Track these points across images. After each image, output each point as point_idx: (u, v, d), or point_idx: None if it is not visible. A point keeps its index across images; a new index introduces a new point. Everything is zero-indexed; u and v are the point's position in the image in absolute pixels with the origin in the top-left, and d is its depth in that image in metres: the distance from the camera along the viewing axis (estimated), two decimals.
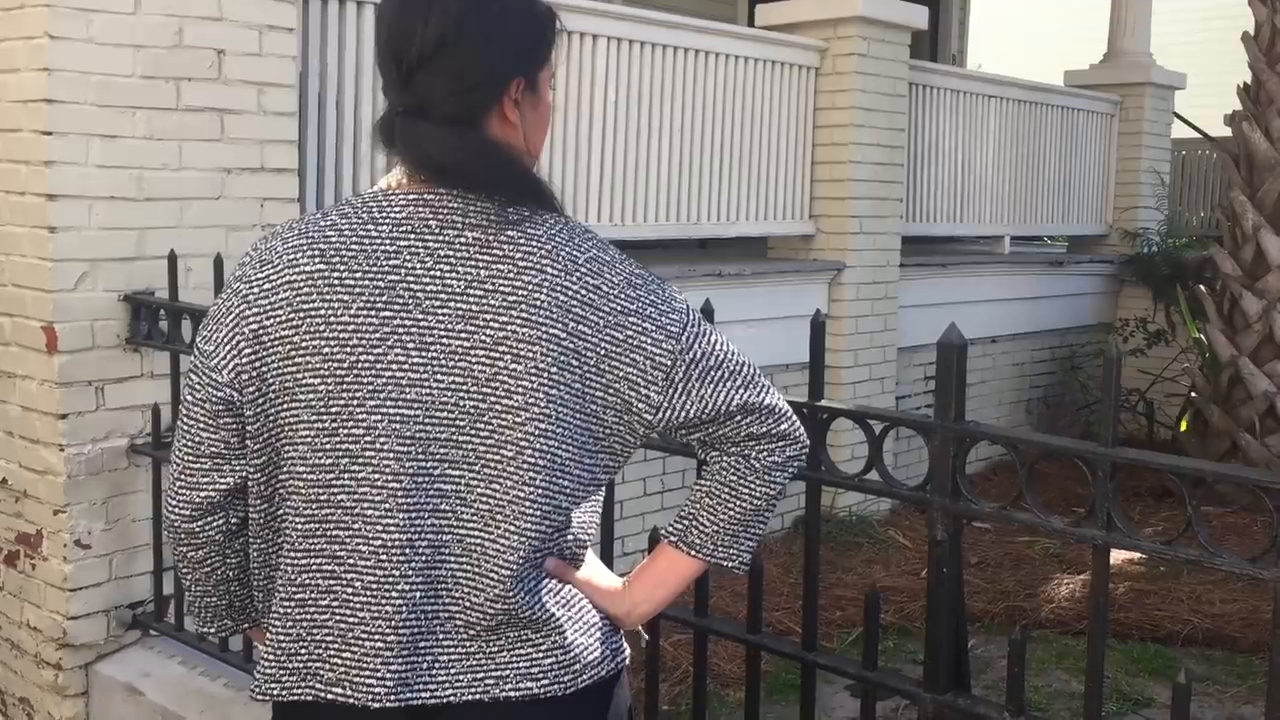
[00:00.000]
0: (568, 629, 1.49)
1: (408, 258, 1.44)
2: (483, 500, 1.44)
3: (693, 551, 1.56)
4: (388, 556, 1.44)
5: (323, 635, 1.48)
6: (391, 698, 1.45)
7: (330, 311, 1.45)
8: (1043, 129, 7.72)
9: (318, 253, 1.46)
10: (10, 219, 3.24)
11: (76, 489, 3.21)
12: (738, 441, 1.51)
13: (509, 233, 1.44)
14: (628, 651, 1.60)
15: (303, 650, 1.49)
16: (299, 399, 1.46)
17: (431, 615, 1.46)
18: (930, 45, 9.61)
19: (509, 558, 1.44)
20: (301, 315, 1.45)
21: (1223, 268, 6.86)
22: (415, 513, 1.44)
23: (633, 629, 1.62)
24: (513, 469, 1.43)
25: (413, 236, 1.45)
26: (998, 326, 7.32)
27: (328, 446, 1.45)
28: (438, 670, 1.47)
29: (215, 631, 1.73)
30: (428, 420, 1.44)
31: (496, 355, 1.42)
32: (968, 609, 3.56)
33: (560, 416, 1.43)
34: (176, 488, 1.57)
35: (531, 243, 1.44)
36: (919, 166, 6.71)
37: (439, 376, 1.43)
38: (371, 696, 1.45)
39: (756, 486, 1.52)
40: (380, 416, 1.44)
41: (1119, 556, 4.96)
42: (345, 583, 1.47)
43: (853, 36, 5.89)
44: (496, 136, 1.49)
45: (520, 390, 1.42)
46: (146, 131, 3.24)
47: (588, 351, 1.44)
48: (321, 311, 1.45)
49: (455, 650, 1.47)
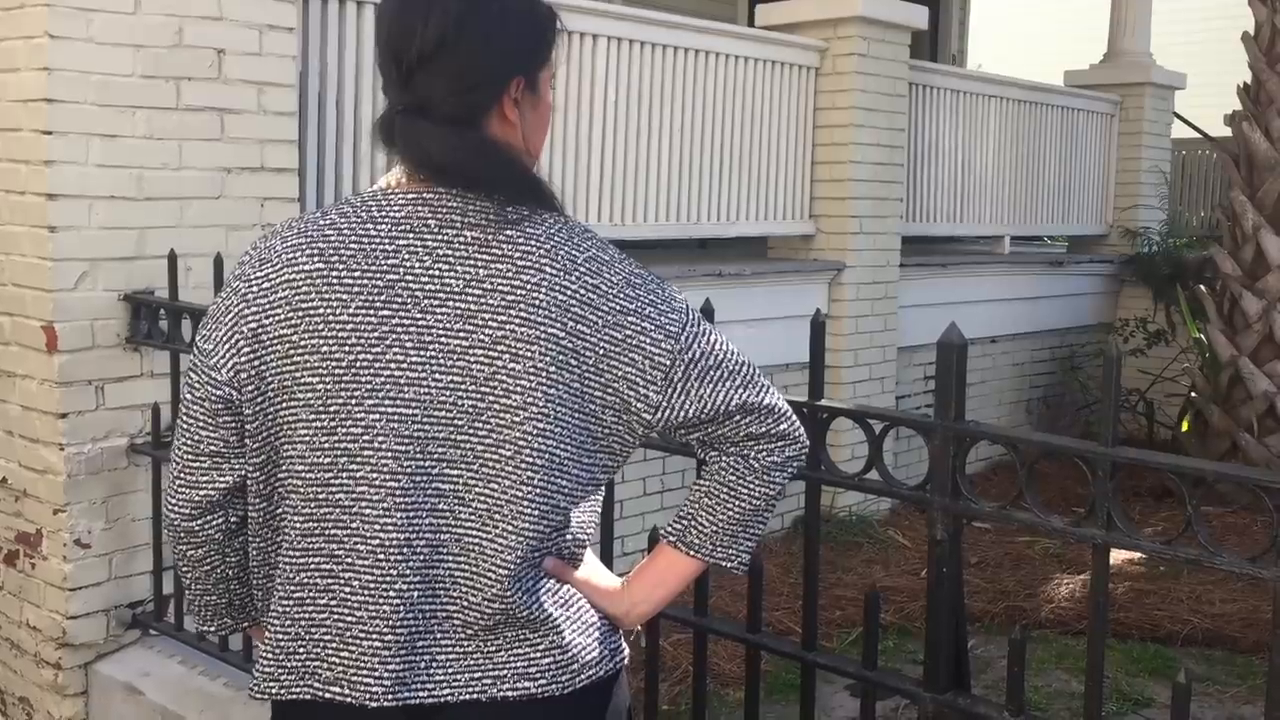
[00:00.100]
0: (566, 629, 1.49)
1: (406, 257, 1.44)
2: (481, 499, 1.44)
3: (691, 551, 1.56)
4: (385, 556, 1.44)
5: (321, 634, 1.48)
6: (389, 697, 1.45)
7: (329, 310, 1.45)
8: (1043, 129, 7.71)
9: (317, 252, 1.46)
10: (10, 218, 3.24)
11: (76, 488, 3.21)
12: (737, 441, 1.51)
13: (508, 232, 1.44)
14: (626, 651, 1.59)
15: (301, 649, 1.49)
16: (298, 398, 1.46)
17: (429, 615, 1.46)
18: (930, 45, 9.61)
19: (507, 557, 1.44)
20: (300, 314, 1.45)
21: (1223, 268, 6.86)
22: (413, 512, 1.44)
23: (631, 629, 1.62)
24: (511, 468, 1.43)
25: (412, 236, 1.45)
26: (998, 326, 7.32)
27: (326, 445, 1.45)
28: (435, 670, 1.46)
29: (215, 630, 1.74)
30: (426, 419, 1.44)
31: (495, 354, 1.42)
32: (968, 609, 3.56)
33: (558, 416, 1.43)
34: (176, 486, 1.58)
35: (530, 242, 1.44)
36: (919, 166, 6.70)
37: (437, 376, 1.43)
38: (369, 696, 1.45)
39: (755, 487, 1.52)
40: (379, 416, 1.44)
41: (1119, 556, 4.96)
42: (343, 582, 1.47)
43: (853, 36, 5.89)
44: (496, 136, 1.49)
45: (519, 389, 1.42)
46: (146, 131, 3.25)
47: (586, 351, 1.44)
48: (320, 310, 1.45)
49: (453, 650, 1.47)
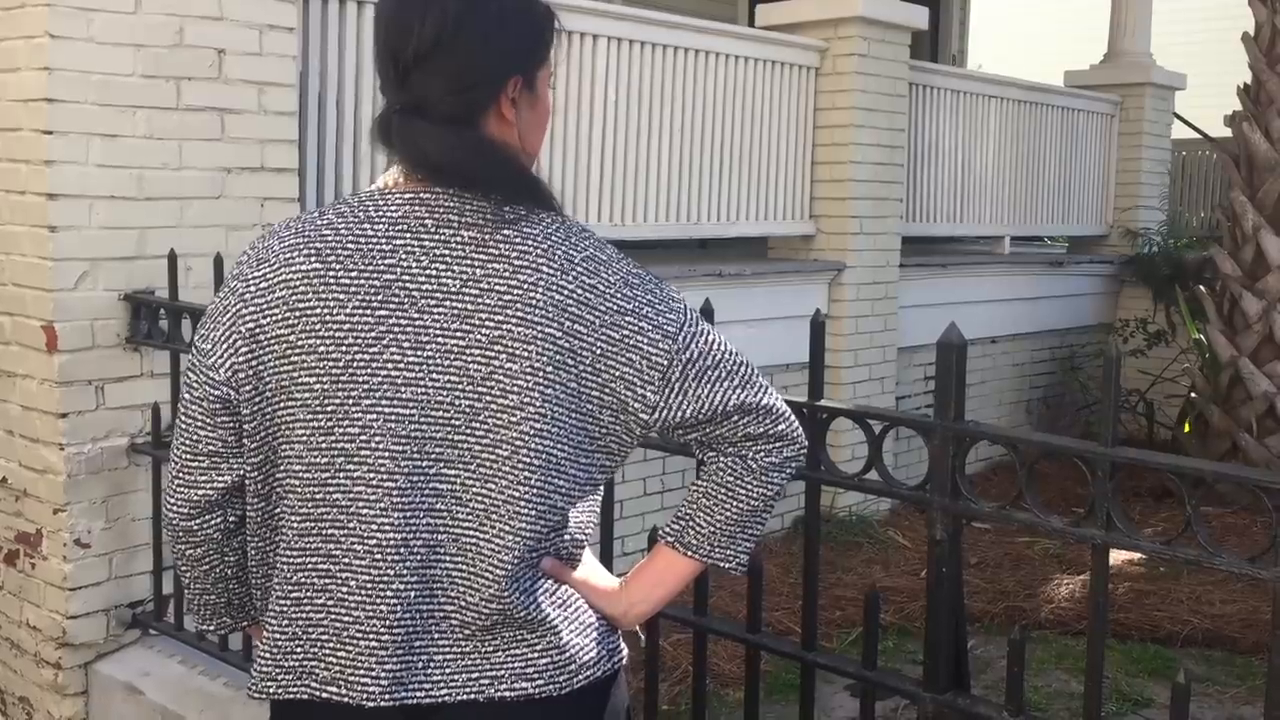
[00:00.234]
0: (563, 629, 1.49)
1: (403, 257, 1.44)
2: (478, 499, 1.44)
3: (689, 552, 1.55)
4: (383, 556, 1.44)
5: (318, 634, 1.48)
6: (386, 697, 1.45)
7: (326, 310, 1.44)
8: (1043, 129, 7.71)
9: (314, 252, 1.46)
10: (10, 218, 3.24)
11: (76, 488, 3.21)
12: (735, 442, 1.51)
13: (505, 231, 1.44)
14: (625, 652, 1.59)
15: (298, 649, 1.49)
16: (295, 398, 1.46)
17: (426, 615, 1.46)
18: (930, 45, 9.61)
19: (504, 557, 1.44)
20: (297, 314, 1.45)
21: (1223, 268, 6.86)
22: (410, 512, 1.44)
23: (630, 629, 1.62)
24: (508, 468, 1.43)
25: (409, 235, 1.45)
26: (998, 326, 7.31)
27: (323, 445, 1.45)
28: (433, 670, 1.46)
29: (215, 629, 1.73)
30: (423, 419, 1.43)
31: (492, 354, 1.42)
32: (967, 609, 3.56)
33: (556, 416, 1.43)
34: (175, 486, 1.58)
35: (528, 242, 1.44)
36: (919, 166, 6.70)
37: (434, 375, 1.43)
38: (366, 696, 1.45)
39: (754, 487, 1.52)
40: (376, 415, 1.44)
41: (1119, 556, 4.96)
42: (340, 582, 1.47)
43: (853, 37, 5.89)
44: (494, 136, 1.49)
45: (516, 389, 1.42)
46: (147, 131, 3.24)
47: (584, 351, 1.44)
48: (317, 310, 1.45)
49: (450, 650, 1.47)
